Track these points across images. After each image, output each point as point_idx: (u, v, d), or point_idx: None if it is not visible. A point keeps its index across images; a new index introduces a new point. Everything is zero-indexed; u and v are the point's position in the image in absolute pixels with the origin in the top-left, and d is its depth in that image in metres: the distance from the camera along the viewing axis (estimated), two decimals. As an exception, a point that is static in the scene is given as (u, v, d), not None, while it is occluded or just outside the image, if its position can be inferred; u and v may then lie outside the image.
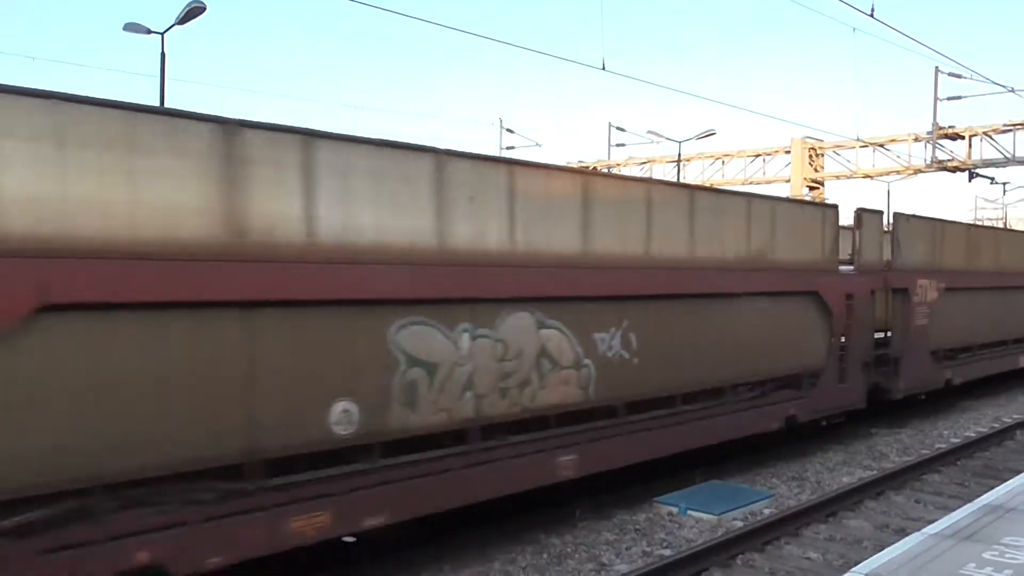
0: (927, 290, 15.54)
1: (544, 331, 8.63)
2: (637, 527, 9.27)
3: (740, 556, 8.36)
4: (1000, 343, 19.25)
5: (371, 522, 7.18)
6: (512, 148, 45.82)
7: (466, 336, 7.86)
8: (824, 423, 13.64)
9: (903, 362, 14.87)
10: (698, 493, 10.32)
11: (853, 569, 6.06)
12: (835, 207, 13.70)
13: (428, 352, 7.54)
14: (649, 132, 39.75)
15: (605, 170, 42.69)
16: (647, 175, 41.63)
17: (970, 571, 5.88)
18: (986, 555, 6.22)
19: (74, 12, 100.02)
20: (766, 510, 9.94)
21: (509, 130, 46.25)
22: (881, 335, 14.77)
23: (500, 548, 8.42)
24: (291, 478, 6.67)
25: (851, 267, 13.86)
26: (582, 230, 9.07)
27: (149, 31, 21.74)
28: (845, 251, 14.08)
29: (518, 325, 8.36)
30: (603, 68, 15.35)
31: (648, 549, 8.60)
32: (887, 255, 14.82)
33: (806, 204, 13.89)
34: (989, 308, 18.51)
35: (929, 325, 15.61)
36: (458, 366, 7.78)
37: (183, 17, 20.97)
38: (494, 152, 44.06)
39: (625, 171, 43.12)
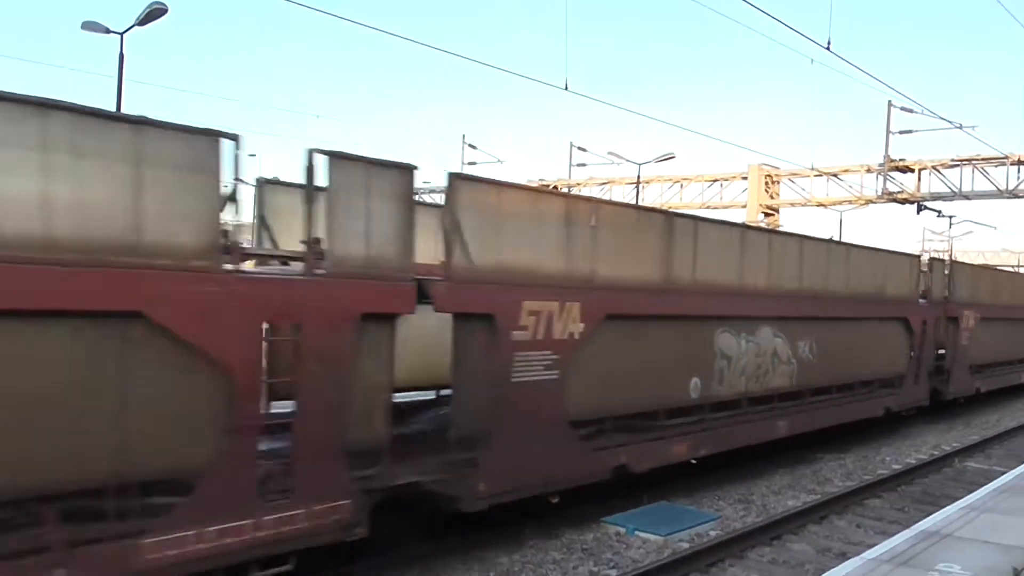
0: (969, 319, 20.50)
1: (776, 339, 13.34)
2: (585, 547, 9.33)
3: (686, 577, 8.53)
4: (1009, 362, 24.52)
5: (702, 453, 11.83)
6: (474, 163, 46.02)
7: (744, 340, 12.54)
8: (904, 414, 18.36)
9: (952, 373, 19.86)
10: (646, 514, 10.52)
11: (794, 593, 6.15)
12: (917, 257, 19.23)
13: (728, 349, 12.21)
14: (610, 153, 40.19)
15: (566, 189, 43.02)
16: (607, 195, 42.02)
17: (905, 596, 6.01)
18: (921, 581, 6.45)
19: (30, 8, 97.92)
20: (712, 532, 10.08)
21: (472, 145, 46.43)
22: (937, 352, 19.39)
23: (447, 565, 8.47)
24: (673, 421, 11.28)
25: (924, 300, 18.69)
26: (799, 273, 13.86)
27: (108, 31, 20.99)
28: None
29: (765, 335, 13.06)
30: (566, 88, 15.68)
31: (595, 569, 8.65)
32: (945, 292, 19.52)
33: (901, 254, 18.81)
34: (1004, 334, 23.98)
35: (969, 346, 20.61)
36: (739, 359, 12.45)
37: (144, 18, 20.42)
38: (457, 167, 44.13)
39: (585, 191, 43.43)
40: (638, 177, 39.14)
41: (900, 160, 34.85)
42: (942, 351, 19.48)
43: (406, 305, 7.68)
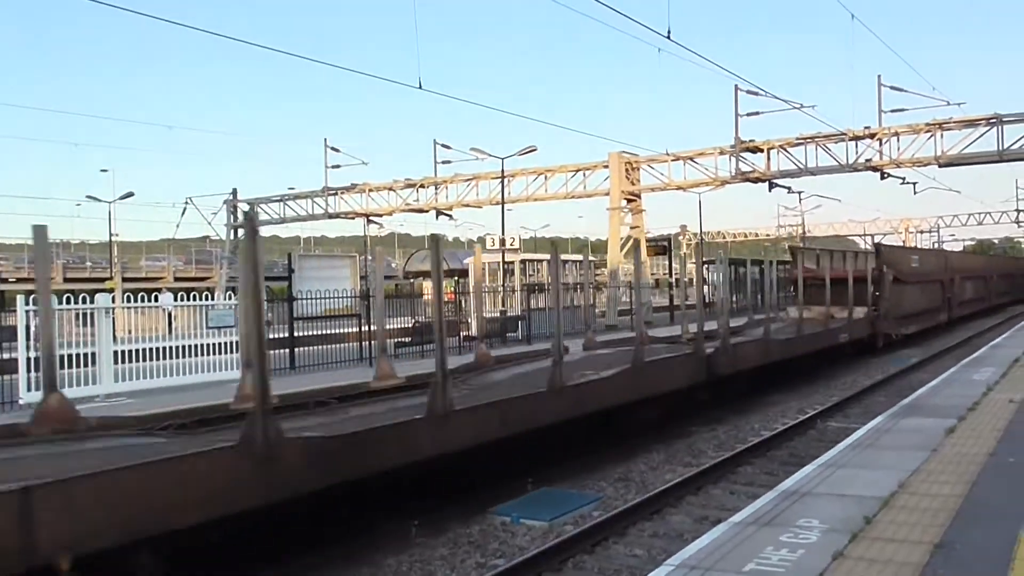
0: None
1: None
2: (471, 539, 9.47)
3: (571, 559, 8.62)
4: None
5: None
6: (338, 167, 45.43)
7: None
8: None
9: None
10: (530, 501, 10.69)
11: (667, 562, 6.42)
12: None
13: None
14: (472, 149, 40.17)
15: (432, 188, 42.97)
16: (474, 191, 42.30)
17: (768, 554, 6.27)
18: (783, 538, 6.62)
19: None
20: (595, 513, 10.29)
21: (335, 148, 45.77)
22: None
23: (334, 574, 8.48)
24: None
25: None
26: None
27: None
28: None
29: None
30: (420, 87, 15.64)
31: (483, 560, 8.78)
32: None
33: None
34: None
35: None
36: None
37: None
38: (321, 172, 43.45)
39: (452, 188, 43.56)
40: (502, 171, 39.51)
41: (750, 141, 36.27)
42: None
43: None
